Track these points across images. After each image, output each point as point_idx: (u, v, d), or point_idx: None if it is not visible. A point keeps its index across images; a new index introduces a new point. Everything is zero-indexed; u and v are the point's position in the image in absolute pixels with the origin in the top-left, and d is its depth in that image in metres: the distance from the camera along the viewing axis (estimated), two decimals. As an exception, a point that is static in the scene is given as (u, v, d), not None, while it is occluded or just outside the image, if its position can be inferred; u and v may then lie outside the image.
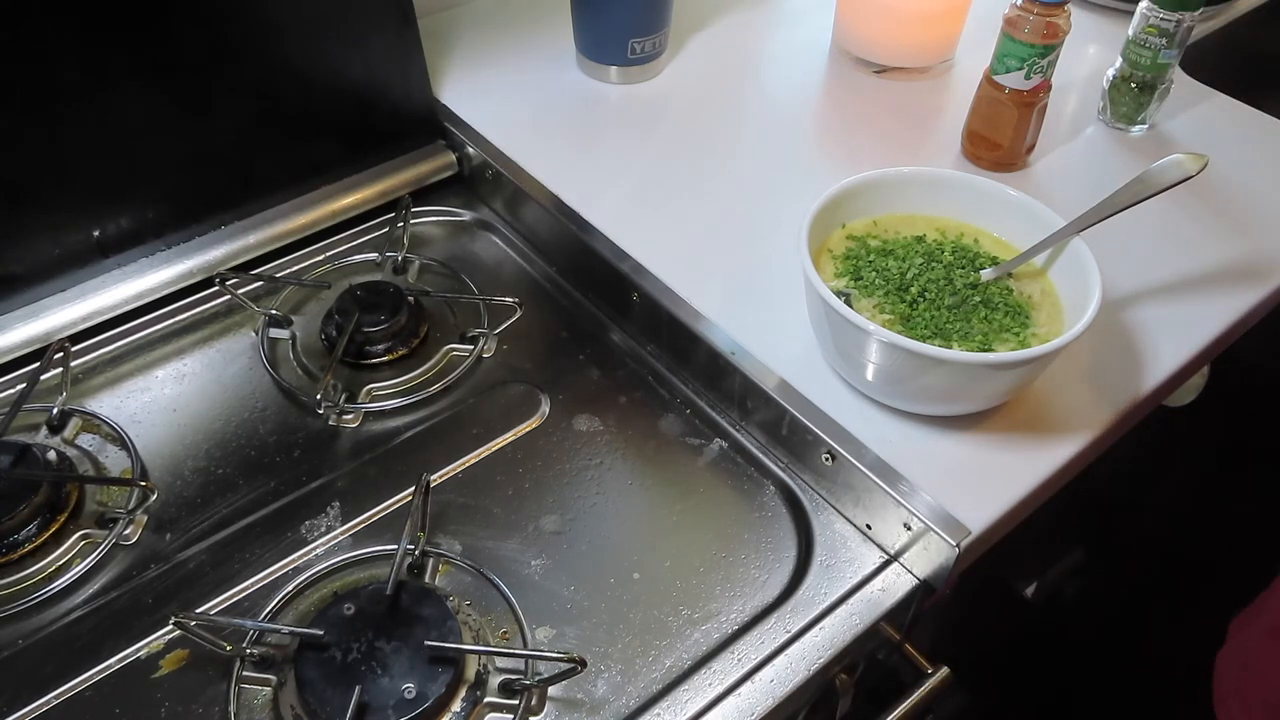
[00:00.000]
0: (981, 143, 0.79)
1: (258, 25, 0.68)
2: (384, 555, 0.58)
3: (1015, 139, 0.77)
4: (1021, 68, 0.73)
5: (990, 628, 0.91)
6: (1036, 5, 0.71)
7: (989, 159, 0.79)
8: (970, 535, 0.54)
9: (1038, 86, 0.74)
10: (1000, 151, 0.78)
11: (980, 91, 0.77)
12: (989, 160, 0.79)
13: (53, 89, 0.62)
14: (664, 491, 0.62)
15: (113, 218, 0.69)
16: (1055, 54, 0.73)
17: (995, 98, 0.75)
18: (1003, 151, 0.78)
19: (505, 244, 0.80)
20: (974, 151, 0.80)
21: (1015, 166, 0.79)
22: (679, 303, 0.67)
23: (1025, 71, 0.73)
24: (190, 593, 0.56)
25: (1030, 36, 0.71)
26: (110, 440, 0.64)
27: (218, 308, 0.73)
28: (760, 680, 0.52)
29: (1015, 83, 0.74)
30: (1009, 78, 0.74)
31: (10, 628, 0.55)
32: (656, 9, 0.85)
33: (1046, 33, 0.71)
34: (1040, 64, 0.72)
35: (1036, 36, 0.71)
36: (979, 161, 0.79)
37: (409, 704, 0.49)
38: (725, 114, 0.86)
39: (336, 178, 0.79)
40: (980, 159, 0.79)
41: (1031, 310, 0.61)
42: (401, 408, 0.66)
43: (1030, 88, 0.74)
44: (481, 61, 0.90)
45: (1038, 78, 0.73)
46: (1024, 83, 0.73)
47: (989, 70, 0.76)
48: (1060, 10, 0.71)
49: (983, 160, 0.79)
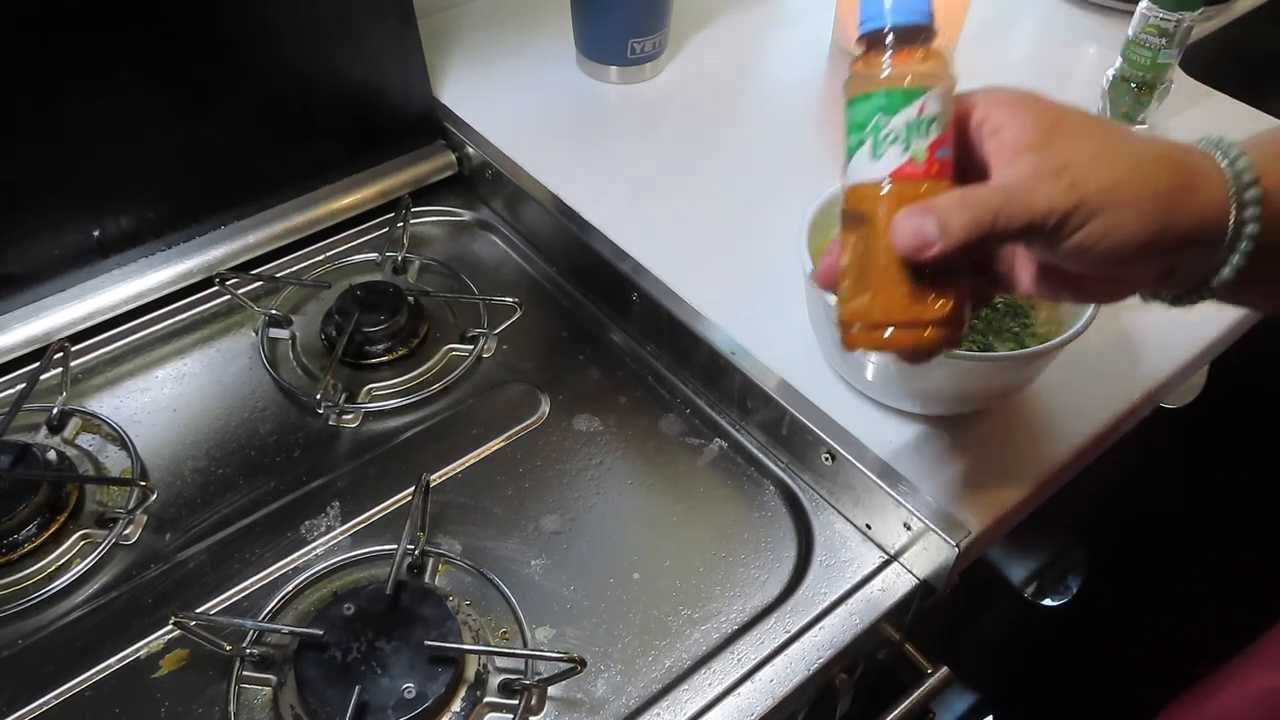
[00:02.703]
0: (857, 304, 0.42)
1: (258, 25, 0.68)
2: (384, 555, 0.58)
3: (883, 279, 0.40)
4: (862, 144, 0.40)
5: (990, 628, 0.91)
6: (872, 38, 0.41)
7: (870, 333, 0.41)
8: (970, 535, 0.54)
9: (903, 170, 0.39)
10: (874, 309, 0.41)
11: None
12: (874, 336, 0.41)
13: (53, 89, 0.62)
14: (664, 491, 0.62)
15: (113, 218, 0.69)
16: (920, 108, 0.39)
17: (851, 219, 0.42)
18: (871, 305, 0.41)
19: (505, 244, 0.80)
20: (851, 318, 0.42)
21: (924, 338, 0.41)
22: (679, 303, 0.67)
23: (871, 146, 0.40)
24: (190, 593, 0.56)
25: (863, 85, 0.41)
26: (110, 440, 0.64)
27: (218, 308, 0.73)
28: (760, 680, 0.52)
29: (862, 173, 0.41)
30: (854, 170, 0.41)
31: (10, 628, 0.55)
32: (656, 9, 0.85)
33: (899, 75, 0.40)
34: (890, 126, 0.39)
35: (876, 82, 0.40)
36: (856, 339, 0.42)
37: (409, 704, 0.49)
38: (725, 114, 0.86)
39: (336, 178, 0.79)
40: (858, 338, 0.42)
41: (1031, 309, 0.61)
42: (401, 408, 0.66)
43: (890, 171, 0.40)
44: (481, 61, 0.90)
45: (893, 151, 0.39)
46: (873, 167, 0.40)
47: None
48: (912, 39, 0.40)
49: (860, 334, 0.42)
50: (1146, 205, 0.37)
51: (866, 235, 0.41)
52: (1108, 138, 0.39)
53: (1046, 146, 0.38)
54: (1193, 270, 0.41)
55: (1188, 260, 0.40)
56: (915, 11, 0.40)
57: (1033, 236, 0.38)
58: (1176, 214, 0.38)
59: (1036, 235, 0.38)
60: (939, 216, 0.38)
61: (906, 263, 0.39)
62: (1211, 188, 0.39)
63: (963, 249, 0.38)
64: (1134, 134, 0.40)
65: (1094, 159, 0.38)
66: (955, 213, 0.37)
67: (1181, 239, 0.38)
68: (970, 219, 0.37)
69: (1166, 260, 0.40)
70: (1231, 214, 0.38)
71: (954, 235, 0.37)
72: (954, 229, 0.37)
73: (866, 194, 0.40)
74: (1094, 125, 0.39)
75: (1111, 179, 0.37)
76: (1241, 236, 0.39)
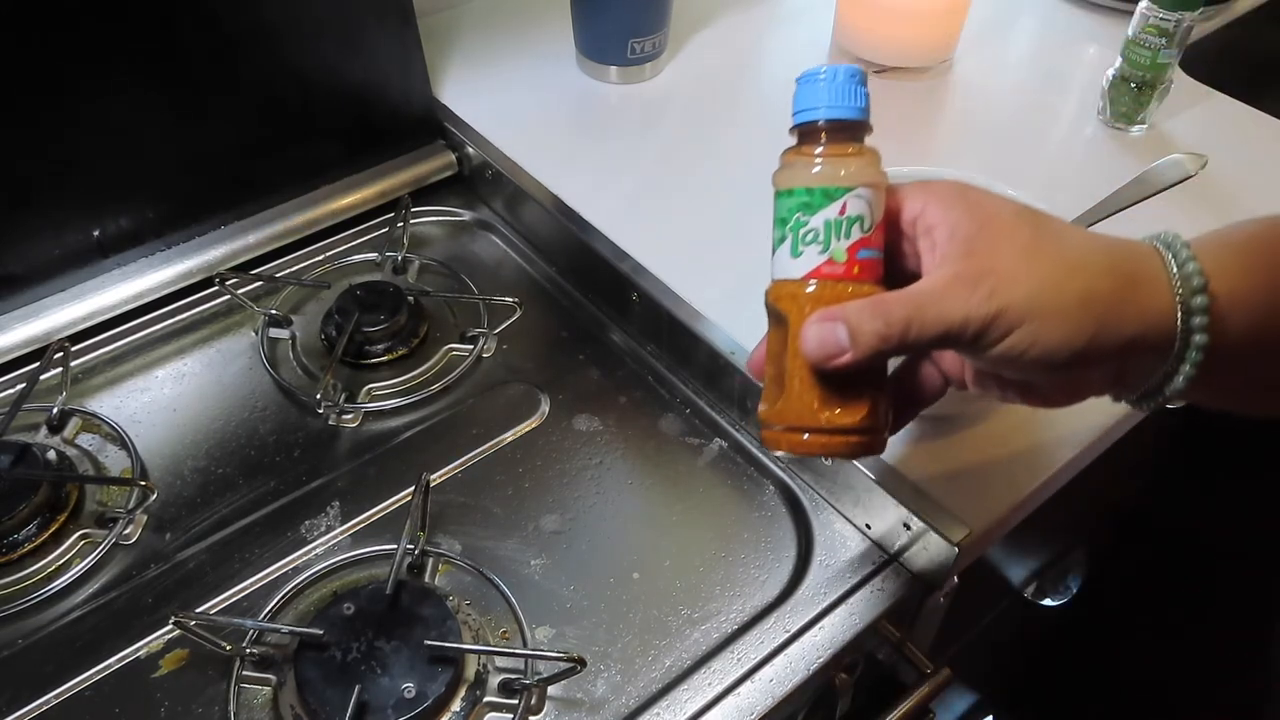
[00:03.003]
0: (771, 402, 0.41)
1: (258, 25, 0.68)
2: (384, 555, 0.58)
3: (797, 382, 0.39)
4: (783, 240, 0.39)
5: (990, 628, 0.91)
6: (802, 130, 0.40)
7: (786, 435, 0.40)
8: (970, 535, 0.54)
9: (820, 270, 0.38)
10: (788, 412, 0.40)
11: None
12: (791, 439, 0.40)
13: (53, 89, 0.62)
14: (664, 491, 0.62)
15: (113, 218, 0.69)
16: (842, 208, 0.38)
17: (772, 316, 0.41)
18: (786, 408, 0.40)
19: (505, 244, 0.80)
20: (765, 419, 0.41)
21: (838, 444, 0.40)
22: (679, 303, 0.67)
23: (791, 244, 0.39)
24: (190, 592, 0.56)
25: (788, 179, 0.40)
26: (110, 440, 0.64)
27: (218, 308, 0.73)
28: (760, 680, 0.52)
29: (781, 269, 0.40)
30: (775, 265, 0.40)
31: (10, 628, 0.55)
32: (656, 9, 0.85)
33: (823, 172, 0.38)
34: (810, 224, 0.38)
35: (798, 177, 0.39)
36: (772, 440, 0.41)
37: (409, 703, 0.49)
38: (725, 114, 0.86)
39: (336, 178, 0.79)
40: (775, 438, 0.41)
41: (1031, 310, 0.61)
42: (401, 407, 0.66)
43: (806, 271, 0.38)
44: (481, 61, 0.90)
45: (812, 250, 0.38)
46: (791, 265, 0.39)
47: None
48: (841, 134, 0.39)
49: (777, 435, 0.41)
50: (1073, 314, 0.35)
51: (783, 334, 0.40)
52: (1039, 240, 0.36)
53: (971, 251, 0.36)
54: (1147, 374, 0.38)
55: (1137, 366, 0.38)
56: (849, 108, 0.39)
57: (953, 345, 0.37)
58: (1111, 322, 0.36)
59: (956, 344, 0.37)
60: (849, 325, 0.36)
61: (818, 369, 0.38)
62: (1156, 293, 0.36)
63: (873, 359, 0.36)
64: (1075, 232, 0.38)
65: (1019, 265, 0.36)
66: (866, 321, 0.36)
67: (1121, 347, 0.36)
68: (880, 328, 0.36)
69: (1110, 367, 0.38)
70: (1178, 322, 0.36)
71: (863, 345, 0.36)
72: (863, 338, 0.36)
73: (783, 292, 0.39)
74: (1026, 226, 0.37)
75: (1035, 287, 0.35)
76: (1190, 346, 0.36)
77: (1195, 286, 0.36)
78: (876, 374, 0.40)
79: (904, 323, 0.36)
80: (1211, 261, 0.37)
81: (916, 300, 0.36)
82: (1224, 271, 0.37)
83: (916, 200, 0.39)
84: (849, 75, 0.39)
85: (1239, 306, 0.37)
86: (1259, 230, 0.40)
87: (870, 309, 0.36)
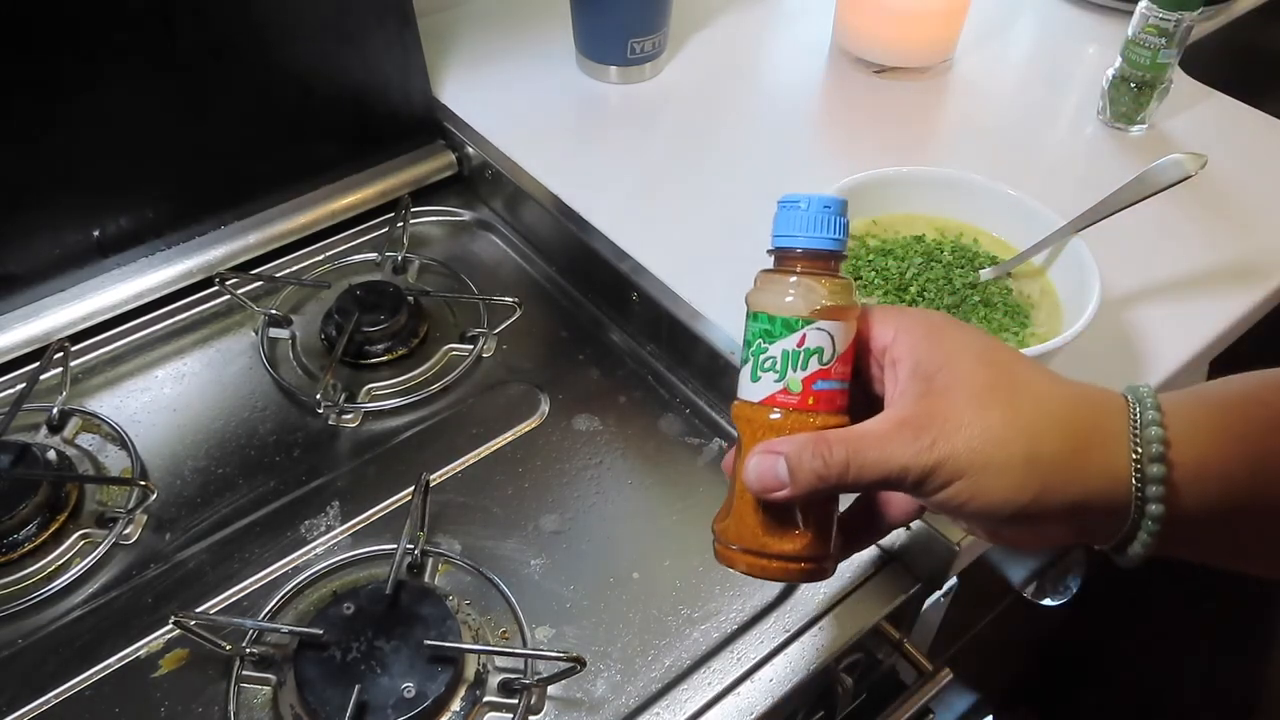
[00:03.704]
0: (723, 515, 0.41)
1: (258, 25, 0.68)
2: (383, 555, 0.58)
3: (742, 504, 0.39)
4: (745, 362, 0.39)
5: (990, 628, 0.91)
6: (777, 254, 0.40)
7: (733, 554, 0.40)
8: (970, 535, 0.54)
9: (773, 399, 0.38)
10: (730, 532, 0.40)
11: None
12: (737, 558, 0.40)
13: (53, 89, 0.62)
14: (663, 491, 0.62)
15: (113, 218, 0.69)
16: (801, 340, 0.37)
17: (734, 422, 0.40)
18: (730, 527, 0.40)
19: (505, 244, 0.80)
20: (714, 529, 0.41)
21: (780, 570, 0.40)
22: (679, 302, 0.67)
23: (751, 368, 0.39)
24: (190, 592, 0.56)
25: (756, 302, 0.39)
26: (110, 440, 0.64)
27: (218, 308, 0.73)
28: (759, 679, 0.52)
29: (741, 390, 0.39)
30: (739, 383, 0.40)
31: (10, 627, 0.55)
32: (656, 9, 0.85)
33: (785, 302, 0.38)
34: (769, 352, 0.38)
35: (764, 301, 0.39)
36: (721, 555, 0.41)
37: (408, 703, 0.49)
38: (725, 114, 0.86)
39: (336, 178, 0.79)
40: (722, 554, 0.41)
41: (1031, 310, 0.61)
42: (401, 407, 0.66)
43: (759, 398, 0.38)
44: (481, 61, 0.90)
45: (768, 377, 0.38)
46: (749, 388, 0.39)
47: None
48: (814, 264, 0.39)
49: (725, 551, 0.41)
50: (1017, 470, 0.34)
51: (738, 454, 0.40)
52: (995, 388, 0.35)
53: (926, 392, 0.35)
54: (1111, 532, 0.36)
55: (1095, 525, 0.36)
56: (827, 239, 0.39)
57: (895, 489, 0.36)
58: (1056, 484, 0.34)
59: (899, 488, 0.36)
60: (789, 461, 0.36)
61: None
62: (1112, 455, 0.34)
63: (810, 496, 0.36)
64: (1037, 381, 0.36)
65: (967, 413, 0.34)
66: (806, 460, 0.36)
67: (1069, 508, 0.34)
68: (819, 468, 0.35)
69: (1063, 524, 0.35)
70: (1133, 489, 0.34)
71: (801, 483, 0.36)
72: (801, 477, 0.36)
73: (740, 413, 0.39)
74: (986, 370, 0.35)
75: (979, 439, 0.34)
76: (1145, 515, 0.34)
77: (1154, 454, 0.34)
78: (824, 503, 0.39)
79: (843, 465, 0.35)
80: (1183, 423, 0.35)
81: (858, 443, 0.36)
82: (1193, 436, 0.35)
83: (888, 328, 0.38)
84: (826, 206, 0.39)
85: (1206, 475, 0.35)
86: (1241, 390, 0.37)
87: (811, 447, 0.36)
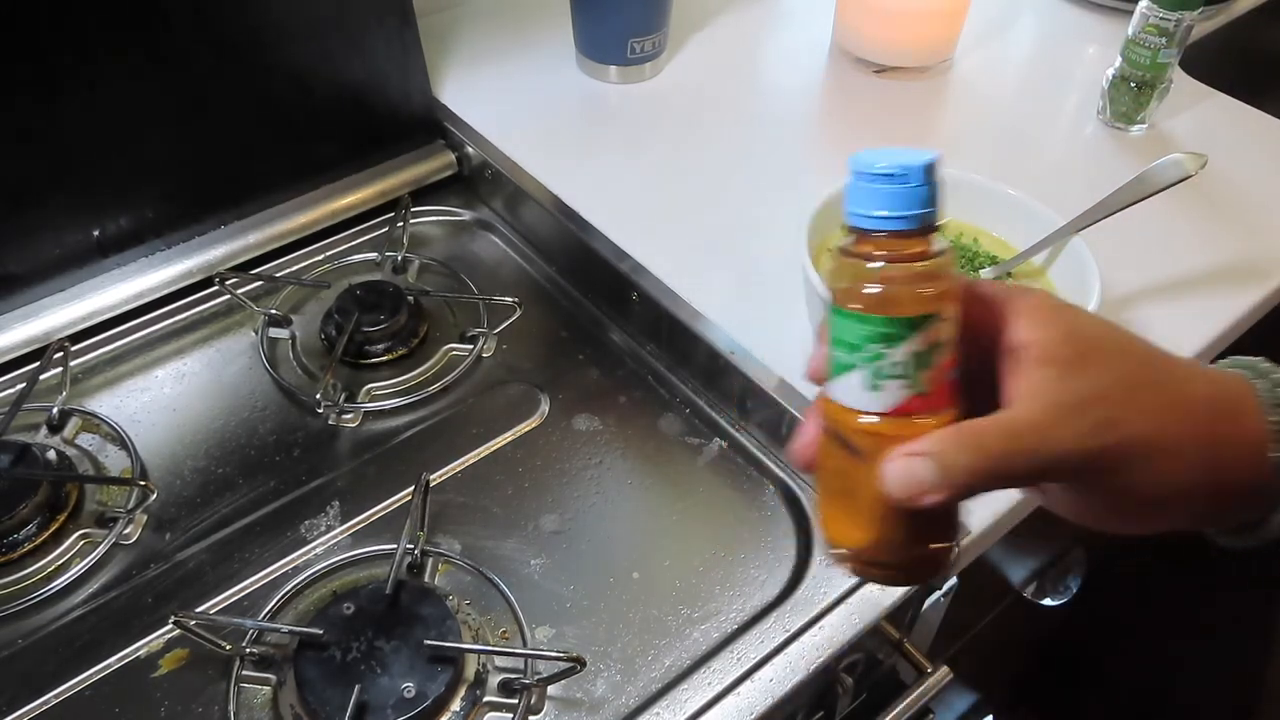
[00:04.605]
0: (839, 525, 0.36)
1: (258, 25, 0.68)
2: (383, 555, 0.58)
3: (873, 518, 0.34)
4: (854, 367, 0.33)
5: (990, 628, 0.91)
6: (877, 240, 0.33)
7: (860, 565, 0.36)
8: (970, 535, 0.54)
9: (906, 406, 0.32)
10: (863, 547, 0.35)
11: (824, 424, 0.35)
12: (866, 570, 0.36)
13: (53, 89, 0.62)
14: (664, 491, 0.62)
15: (113, 218, 0.69)
16: (929, 337, 0.32)
17: (834, 436, 0.35)
18: (865, 549, 0.35)
19: (505, 244, 0.80)
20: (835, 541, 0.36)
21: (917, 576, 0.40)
22: (679, 302, 0.67)
23: (867, 377, 0.33)
24: (190, 592, 0.56)
25: (857, 300, 0.33)
26: (110, 440, 0.64)
27: (218, 307, 0.73)
28: (760, 679, 0.52)
29: (853, 399, 0.33)
30: (842, 387, 0.33)
31: (10, 627, 0.55)
32: (656, 9, 0.85)
33: (906, 298, 0.32)
34: (891, 357, 0.32)
35: (881, 303, 0.32)
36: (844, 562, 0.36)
37: (408, 703, 0.49)
38: (725, 114, 0.86)
39: (336, 177, 0.79)
40: (847, 562, 0.36)
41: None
42: (401, 407, 0.66)
43: (888, 408, 0.33)
44: (481, 61, 0.90)
45: (894, 385, 0.32)
46: (867, 398, 0.33)
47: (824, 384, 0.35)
48: (920, 241, 0.32)
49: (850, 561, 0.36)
50: (1187, 453, 0.33)
51: (853, 463, 0.34)
52: (1145, 373, 0.33)
53: (1075, 374, 0.32)
54: (1246, 509, 0.35)
55: (1233, 502, 0.35)
56: (937, 212, 0.32)
57: (1049, 479, 0.34)
58: (1216, 460, 0.33)
59: (1054, 478, 0.33)
60: (938, 462, 0.31)
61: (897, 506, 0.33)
62: (1248, 429, 0.34)
63: (965, 496, 0.32)
64: (1177, 365, 0.35)
65: (1132, 393, 0.32)
66: (958, 456, 0.31)
67: (1215, 487, 0.34)
68: (972, 464, 0.31)
69: (1201, 505, 0.35)
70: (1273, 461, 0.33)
71: (957, 483, 0.31)
72: (956, 476, 0.31)
73: (854, 424, 0.33)
74: (1131, 358, 0.34)
75: (1145, 422, 0.32)
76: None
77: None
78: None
79: (1002, 456, 0.31)
80: None
81: (1013, 429, 0.32)
82: None
83: (1002, 311, 0.34)
84: (928, 168, 0.32)
85: None
86: None
87: (960, 441, 0.32)
